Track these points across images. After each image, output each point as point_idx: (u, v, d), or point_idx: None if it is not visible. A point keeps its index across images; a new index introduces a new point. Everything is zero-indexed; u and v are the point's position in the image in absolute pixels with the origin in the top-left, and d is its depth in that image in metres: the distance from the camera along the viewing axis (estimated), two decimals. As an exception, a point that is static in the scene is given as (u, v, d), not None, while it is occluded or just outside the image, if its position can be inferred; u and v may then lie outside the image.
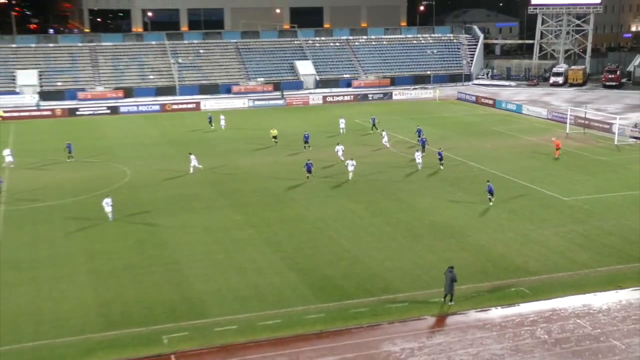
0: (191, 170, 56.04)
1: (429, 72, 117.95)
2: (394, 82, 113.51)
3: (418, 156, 56.90)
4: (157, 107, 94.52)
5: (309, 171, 53.26)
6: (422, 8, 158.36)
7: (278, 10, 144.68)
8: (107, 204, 44.07)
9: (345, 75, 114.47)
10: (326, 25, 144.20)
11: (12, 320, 30.59)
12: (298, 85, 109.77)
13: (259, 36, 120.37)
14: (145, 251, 39.01)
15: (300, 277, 35.10)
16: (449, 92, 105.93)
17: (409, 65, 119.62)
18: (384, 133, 66.58)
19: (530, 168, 57.45)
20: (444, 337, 29.17)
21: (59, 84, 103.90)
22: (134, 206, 47.62)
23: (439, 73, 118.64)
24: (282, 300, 32.46)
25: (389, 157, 61.83)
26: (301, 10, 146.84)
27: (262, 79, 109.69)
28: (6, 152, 60.63)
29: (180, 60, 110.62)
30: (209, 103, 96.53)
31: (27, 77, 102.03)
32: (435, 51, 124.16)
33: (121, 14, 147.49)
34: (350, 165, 52.93)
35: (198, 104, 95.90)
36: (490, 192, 46.00)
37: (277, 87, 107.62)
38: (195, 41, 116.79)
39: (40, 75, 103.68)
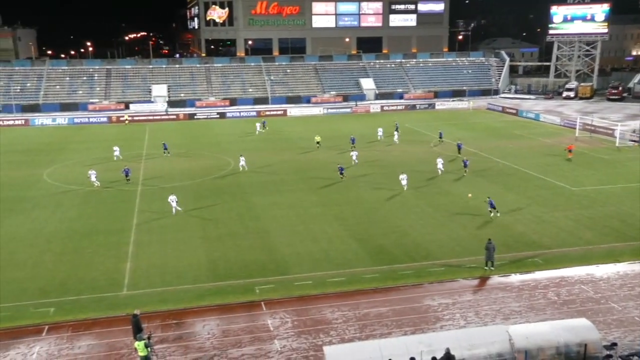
0: (240, 168, 54.08)
1: (464, 87, 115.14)
2: (437, 95, 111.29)
3: (440, 162, 51.69)
4: (254, 113, 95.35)
5: (341, 173, 49.68)
6: (460, 37, 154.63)
7: (347, 39, 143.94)
8: (172, 201, 40.99)
9: (398, 90, 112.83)
10: (384, 50, 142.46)
11: (145, 271, 31.43)
12: (362, 97, 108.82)
13: (332, 59, 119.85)
14: (243, 222, 39.43)
15: (360, 245, 34.86)
16: (480, 103, 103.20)
17: (448, 81, 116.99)
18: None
19: (545, 164, 55.44)
20: (472, 295, 28.49)
21: (182, 95, 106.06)
22: (236, 188, 48.21)
23: (473, 88, 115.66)
24: (346, 263, 32.31)
25: (432, 155, 60.72)
26: (365, 39, 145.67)
27: (334, 92, 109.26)
28: (115, 149, 60.08)
29: (272, 77, 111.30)
30: (294, 111, 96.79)
31: (159, 90, 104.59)
32: (469, 71, 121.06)
33: (229, 42, 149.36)
34: (404, 180, 47.27)
35: (285, 111, 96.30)
36: (492, 206, 39.49)
37: (346, 98, 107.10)
38: (283, 63, 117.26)
39: (169, 89, 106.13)
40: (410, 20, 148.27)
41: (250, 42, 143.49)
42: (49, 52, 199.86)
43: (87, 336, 24.76)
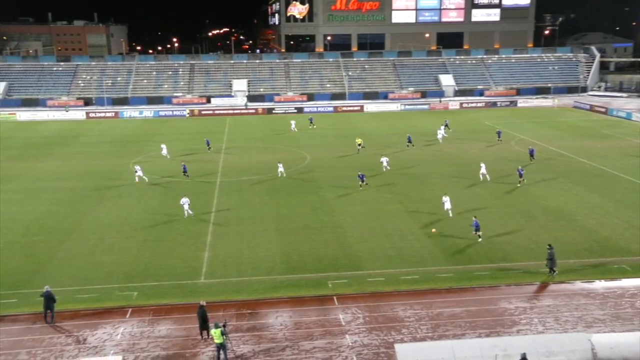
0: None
1: (549, 85, 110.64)
2: (519, 92, 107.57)
3: (483, 167, 48.22)
4: (331, 109, 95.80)
5: (362, 180, 46.13)
6: (546, 32, 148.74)
7: (427, 35, 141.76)
8: (184, 203, 39.55)
9: (478, 86, 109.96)
10: (465, 46, 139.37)
11: (222, 261, 32.34)
12: (440, 93, 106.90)
13: (411, 55, 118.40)
14: (317, 216, 39.73)
15: (435, 244, 34.31)
16: (566, 101, 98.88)
17: (532, 78, 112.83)
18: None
19: (636, 165, 52.40)
20: (552, 300, 27.40)
21: (261, 89, 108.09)
22: (311, 182, 48.63)
23: (558, 85, 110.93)
24: (420, 261, 31.92)
25: (512, 154, 58.83)
26: (446, 34, 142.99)
27: (412, 89, 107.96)
28: (163, 146, 59.71)
29: (350, 73, 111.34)
30: (370, 107, 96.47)
31: (240, 85, 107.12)
32: (556, 67, 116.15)
33: (308, 38, 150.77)
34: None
35: (362, 107, 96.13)
36: (477, 228, 34.69)
37: (424, 95, 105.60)
38: (362, 59, 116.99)
39: (249, 83, 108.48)
40: (493, 15, 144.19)
41: (329, 38, 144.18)
42: (138, 47, 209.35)
43: (166, 321, 25.80)
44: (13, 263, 32.15)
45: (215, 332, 22.52)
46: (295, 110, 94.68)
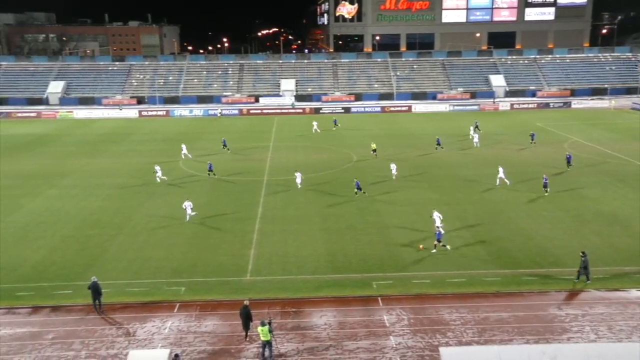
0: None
1: (606, 85, 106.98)
2: (574, 93, 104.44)
3: (501, 171, 46.56)
4: (378, 109, 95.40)
5: (359, 188, 44.02)
6: (604, 31, 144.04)
7: (478, 34, 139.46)
8: (186, 207, 39.12)
9: (530, 87, 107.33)
10: (517, 46, 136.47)
11: (267, 259, 32.63)
12: (490, 94, 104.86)
13: (461, 55, 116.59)
14: (363, 216, 39.61)
15: (483, 247, 33.70)
16: (623, 103, 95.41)
17: (588, 79, 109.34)
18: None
19: (698, 171, 50.15)
20: (605, 308, 26.50)
21: (309, 89, 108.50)
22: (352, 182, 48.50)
23: (616, 86, 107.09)
24: (467, 264, 31.42)
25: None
26: (497, 34, 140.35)
27: (461, 89, 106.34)
28: (183, 147, 60.07)
29: (398, 73, 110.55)
30: (418, 107, 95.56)
31: (288, 84, 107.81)
32: (613, 68, 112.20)
33: (356, 38, 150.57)
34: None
35: (410, 107, 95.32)
36: (439, 238, 32.74)
37: (474, 95, 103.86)
38: (410, 59, 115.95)
39: (296, 83, 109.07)
40: (548, 14, 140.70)
41: (377, 38, 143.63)
42: (190, 47, 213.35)
43: (212, 316, 26.21)
44: (68, 256, 33.31)
45: (262, 330, 22.68)
46: (342, 110, 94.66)
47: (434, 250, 32.96)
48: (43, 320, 26.00)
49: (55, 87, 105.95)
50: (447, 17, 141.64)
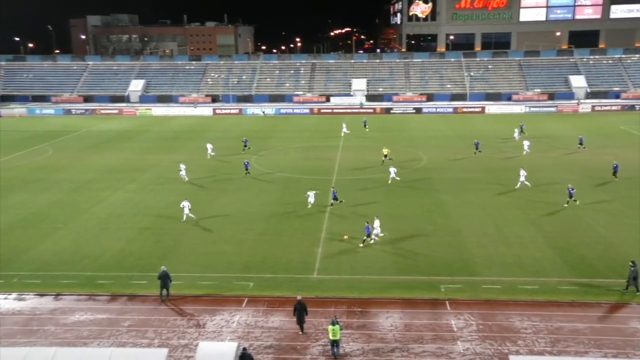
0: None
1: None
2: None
3: (523, 174, 45.32)
4: (450, 110, 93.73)
5: (335, 199, 41.86)
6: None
7: (558, 33, 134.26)
8: (184, 207, 39.10)
9: (614, 88, 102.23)
10: (601, 45, 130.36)
11: (336, 257, 32.69)
12: (569, 95, 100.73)
13: (539, 55, 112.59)
14: (432, 219, 39.02)
15: (558, 254, 32.42)
16: None
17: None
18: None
19: None
20: (691, 324, 24.88)
21: (380, 89, 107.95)
22: (427, 184, 47.84)
23: None
24: (540, 271, 30.32)
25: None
26: (579, 32, 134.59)
27: (538, 90, 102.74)
28: (208, 146, 60.48)
29: (472, 74, 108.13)
30: (492, 108, 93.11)
31: (359, 84, 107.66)
32: None
33: (429, 38, 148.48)
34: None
35: (483, 108, 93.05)
36: (367, 233, 33.74)
37: (552, 97, 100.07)
38: (485, 58, 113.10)
39: (368, 83, 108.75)
40: (636, 11, 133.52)
41: (451, 37, 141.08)
42: (263, 47, 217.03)
43: (279, 312, 26.55)
44: (145, 247, 34.65)
45: (333, 329, 22.67)
46: (414, 111, 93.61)
47: (362, 245, 33.51)
48: (120, 308, 27.17)
49: (136, 86, 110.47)
50: (525, 15, 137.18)
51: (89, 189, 48.19)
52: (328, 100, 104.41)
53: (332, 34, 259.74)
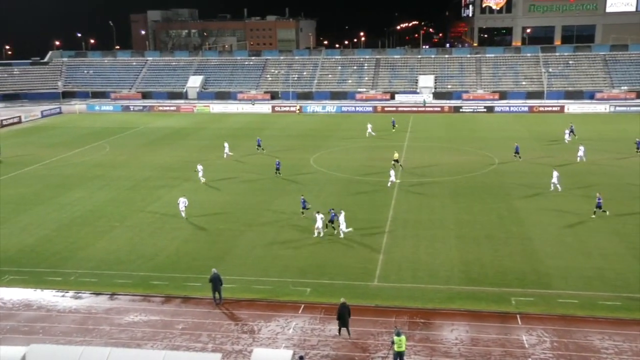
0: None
1: None
2: None
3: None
4: (525, 109, 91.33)
5: (304, 207, 40.89)
6: None
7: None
8: (181, 203, 40.67)
9: None
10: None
11: (397, 265, 32.46)
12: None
13: (627, 49, 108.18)
14: (504, 225, 38.13)
15: (645, 268, 31.00)
16: None
17: None
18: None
19: None
20: None
21: (449, 86, 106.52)
22: (498, 188, 46.80)
23: None
24: (624, 286, 29.05)
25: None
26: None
27: (625, 88, 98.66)
28: (225, 145, 61.15)
29: (550, 70, 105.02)
30: (572, 107, 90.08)
31: (426, 81, 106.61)
32: None
33: (504, 31, 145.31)
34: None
35: (562, 107, 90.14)
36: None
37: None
38: (565, 53, 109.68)
39: (435, 79, 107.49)
40: None
41: (528, 30, 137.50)
42: (325, 42, 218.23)
43: (336, 320, 26.51)
44: (199, 248, 35.47)
45: (399, 340, 22.37)
46: (485, 110, 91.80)
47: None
48: (174, 310, 27.91)
49: (194, 82, 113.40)
50: (613, 6, 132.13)
51: (145, 187, 49.78)
52: (393, 97, 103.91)
53: (398, 27, 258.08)
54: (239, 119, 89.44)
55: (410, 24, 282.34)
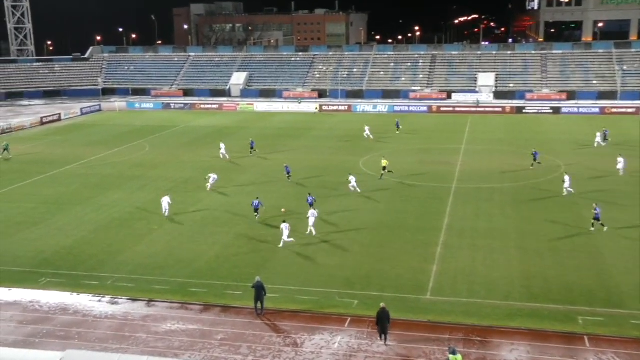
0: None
1: None
2: None
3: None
4: (596, 110, 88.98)
5: (255, 210, 41.49)
6: None
7: None
8: (164, 201, 43.02)
9: None
10: None
11: (452, 277, 32.03)
12: None
13: None
14: (570, 237, 37.18)
15: None
16: None
17: None
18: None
19: None
20: None
21: (511, 85, 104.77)
22: (565, 197, 45.66)
23: None
24: None
25: None
26: None
27: None
28: (222, 145, 61.53)
29: (625, 68, 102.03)
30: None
31: (486, 79, 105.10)
32: None
33: (573, 25, 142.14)
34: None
35: (638, 109, 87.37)
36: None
37: None
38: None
39: (496, 78, 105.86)
40: None
41: (600, 25, 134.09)
42: (377, 37, 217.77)
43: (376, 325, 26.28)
44: (241, 255, 35.77)
45: (455, 358, 22.00)
46: (551, 111, 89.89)
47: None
48: (213, 320, 28.21)
49: (238, 79, 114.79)
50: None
51: (185, 189, 50.57)
52: (449, 97, 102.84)
53: (456, 21, 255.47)
54: (284, 118, 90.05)
55: (470, 18, 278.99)
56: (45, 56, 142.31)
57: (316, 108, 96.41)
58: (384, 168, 52.01)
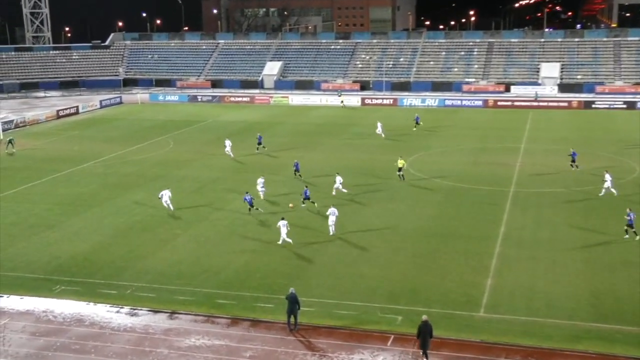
0: None
1: None
2: None
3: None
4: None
5: (251, 205, 43.63)
6: None
7: None
8: (163, 195, 44.26)
9: None
10: None
11: (509, 292, 31.67)
12: None
13: None
14: (646, 250, 36.48)
15: None
16: None
17: None
18: None
19: None
20: None
21: (578, 77, 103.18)
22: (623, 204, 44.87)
23: None
24: None
25: None
26: None
27: None
28: (227, 142, 62.89)
29: None
30: None
31: (550, 70, 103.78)
32: None
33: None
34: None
35: None
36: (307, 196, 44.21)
37: None
38: None
39: (562, 68, 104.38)
40: None
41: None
42: (427, 22, 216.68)
43: (434, 357, 26.16)
44: (273, 264, 35.91)
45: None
46: (625, 105, 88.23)
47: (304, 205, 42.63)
48: (242, 335, 28.38)
49: (272, 69, 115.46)
50: None
51: (213, 189, 51.06)
52: (508, 89, 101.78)
53: (516, 5, 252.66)
54: (322, 113, 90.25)
55: (532, 1, 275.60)
56: (63, 44, 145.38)
57: (342, 101, 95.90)
58: (400, 169, 51.80)
